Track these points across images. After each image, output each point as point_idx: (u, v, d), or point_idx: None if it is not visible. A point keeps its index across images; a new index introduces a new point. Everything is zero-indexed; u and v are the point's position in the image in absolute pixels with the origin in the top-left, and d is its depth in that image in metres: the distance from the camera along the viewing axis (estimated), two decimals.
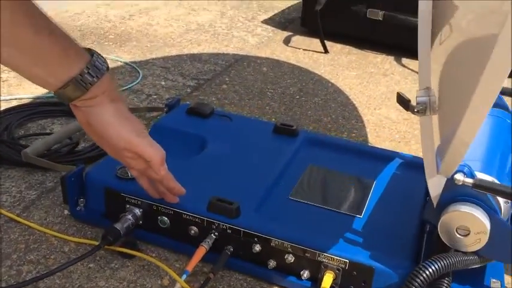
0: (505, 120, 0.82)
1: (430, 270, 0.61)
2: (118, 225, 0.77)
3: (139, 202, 0.80)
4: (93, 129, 0.68)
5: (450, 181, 0.62)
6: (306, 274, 0.74)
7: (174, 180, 0.75)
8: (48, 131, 1.10)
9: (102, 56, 0.67)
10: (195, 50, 1.65)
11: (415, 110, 0.63)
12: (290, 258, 0.74)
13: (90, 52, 0.66)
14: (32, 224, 0.83)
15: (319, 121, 1.28)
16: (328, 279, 0.72)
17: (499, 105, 0.87)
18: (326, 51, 1.74)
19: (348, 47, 1.80)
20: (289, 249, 0.74)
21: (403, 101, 0.65)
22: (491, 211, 0.62)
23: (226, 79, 1.47)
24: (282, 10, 2.18)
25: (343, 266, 0.72)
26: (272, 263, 0.76)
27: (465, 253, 0.64)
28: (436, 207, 0.65)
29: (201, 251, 0.74)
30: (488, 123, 0.80)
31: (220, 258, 0.75)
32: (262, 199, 0.82)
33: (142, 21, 1.86)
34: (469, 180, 0.60)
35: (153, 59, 1.53)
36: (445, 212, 0.63)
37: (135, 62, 1.49)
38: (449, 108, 0.62)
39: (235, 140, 0.98)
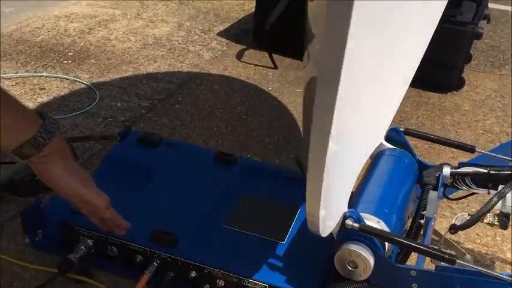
0: (402, 160, 0.96)
1: None
2: (72, 256, 0.89)
3: (90, 234, 0.92)
4: (46, 181, 0.79)
5: (343, 224, 0.76)
6: None
7: (120, 217, 0.87)
8: (10, 160, 1.20)
9: (53, 119, 0.78)
10: (151, 68, 1.75)
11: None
12: (221, 283, 0.88)
13: (42, 116, 0.77)
14: None
15: (262, 142, 1.41)
16: None
17: (399, 142, 1.01)
18: (275, 66, 1.86)
19: (297, 61, 1.93)
20: (220, 276, 0.87)
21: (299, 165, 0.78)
22: (375, 248, 0.76)
23: (180, 98, 1.58)
24: (238, 20, 2.29)
25: None
26: (206, 287, 0.89)
27: (357, 281, 0.78)
28: (335, 245, 0.79)
29: (144, 279, 0.87)
30: (388, 164, 0.95)
31: (162, 283, 0.88)
32: (199, 228, 0.95)
33: (101, 35, 1.94)
34: (356, 225, 0.74)
35: (110, 79, 1.63)
36: (338, 249, 0.77)
37: (92, 83, 1.59)
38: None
39: (178, 169, 1.10)
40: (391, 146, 1.01)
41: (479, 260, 1.07)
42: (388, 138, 1.03)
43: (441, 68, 1.76)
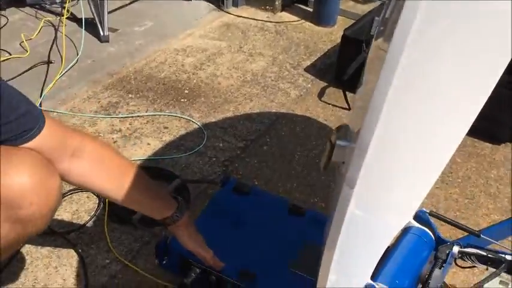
0: (421, 239, 1.31)
1: None
2: (186, 280, 1.36)
3: (198, 266, 1.38)
4: (177, 238, 1.26)
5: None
6: None
7: (219, 261, 1.32)
8: None
9: (183, 202, 1.23)
10: (247, 107, 2.17)
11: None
12: None
13: (177, 200, 1.23)
14: (138, 269, 1.44)
15: (328, 187, 1.79)
16: None
17: (423, 221, 1.35)
18: (349, 107, 2.20)
19: None
20: None
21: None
22: None
23: (268, 139, 2.00)
24: (324, 53, 2.63)
25: None
26: None
27: None
28: None
29: None
30: (409, 241, 1.30)
31: None
32: (271, 268, 1.38)
33: (210, 72, 2.39)
34: None
35: (215, 118, 2.08)
36: None
37: (202, 122, 2.04)
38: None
39: (262, 216, 1.53)
40: (417, 225, 1.35)
41: None
42: (415, 217, 1.38)
43: (496, 122, 2.01)
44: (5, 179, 0.92)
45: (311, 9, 2.98)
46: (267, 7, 3.00)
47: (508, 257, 1.27)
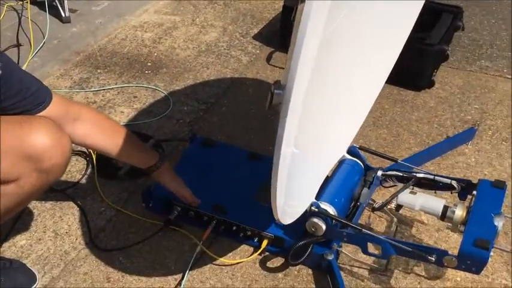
0: (353, 167, 1.68)
1: (301, 243, 1.51)
2: (170, 216, 1.68)
3: (179, 205, 1.70)
4: (160, 182, 1.57)
5: (309, 208, 1.50)
6: (255, 240, 1.65)
7: (195, 198, 1.64)
8: None
9: (162, 151, 1.54)
10: (205, 74, 2.46)
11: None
12: (248, 233, 1.65)
13: (158, 151, 1.53)
14: (129, 213, 1.74)
15: None
16: (264, 242, 1.63)
17: (354, 154, 1.72)
18: None
19: None
20: (247, 229, 1.64)
21: None
22: (326, 220, 1.50)
23: (225, 101, 2.31)
24: (269, 22, 2.93)
25: (271, 236, 1.62)
26: (241, 234, 1.67)
27: (317, 236, 1.53)
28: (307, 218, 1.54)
29: (208, 230, 1.65)
30: (344, 169, 1.67)
31: (217, 233, 1.67)
32: (237, 202, 1.71)
33: (168, 45, 2.66)
34: (315, 209, 1.48)
35: (178, 86, 2.36)
36: (308, 220, 1.51)
37: (167, 90, 2.32)
38: None
39: (227, 163, 1.85)
40: (348, 157, 1.72)
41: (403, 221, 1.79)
42: (348, 151, 1.74)
43: (415, 73, 2.39)
44: (30, 139, 1.21)
45: None
46: None
47: (418, 175, 1.66)
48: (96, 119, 1.43)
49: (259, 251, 1.62)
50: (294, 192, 1.39)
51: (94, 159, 1.89)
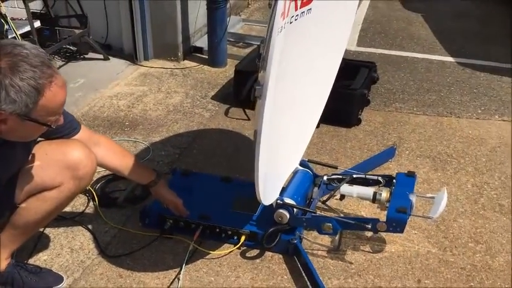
0: (305, 175, 2.18)
1: (272, 229, 1.97)
2: (165, 227, 2.09)
3: (171, 218, 2.11)
4: (157, 196, 2.01)
5: (275, 201, 1.97)
6: (235, 237, 2.08)
7: (186, 210, 2.07)
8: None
9: (159, 171, 1.99)
10: (176, 127, 2.96)
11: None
12: (229, 232, 2.08)
13: (155, 170, 1.98)
14: (129, 229, 2.13)
15: (243, 168, 2.61)
16: (242, 238, 2.06)
17: (305, 165, 2.24)
18: (249, 118, 3.08)
19: None
20: (228, 229, 2.08)
21: None
22: (289, 210, 1.97)
23: (195, 145, 2.80)
24: (223, 85, 3.51)
25: (247, 233, 2.06)
26: (223, 235, 2.09)
27: (283, 224, 1.99)
28: (274, 210, 2.00)
29: (196, 234, 2.07)
30: (298, 176, 2.17)
31: (204, 236, 2.09)
32: (217, 211, 2.15)
33: (141, 108, 3.15)
34: (280, 202, 1.96)
35: (154, 137, 2.84)
36: (275, 212, 1.98)
37: (145, 141, 2.79)
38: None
39: (203, 186, 2.31)
40: (301, 168, 2.23)
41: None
42: (300, 164, 2.26)
43: (345, 113, 3.00)
44: (70, 153, 1.65)
45: (206, 56, 3.88)
46: (172, 58, 3.85)
47: (354, 176, 2.19)
48: (110, 145, 1.90)
49: (239, 244, 2.05)
50: (268, 183, 1.88)
51: (94, 194, 2.29)
